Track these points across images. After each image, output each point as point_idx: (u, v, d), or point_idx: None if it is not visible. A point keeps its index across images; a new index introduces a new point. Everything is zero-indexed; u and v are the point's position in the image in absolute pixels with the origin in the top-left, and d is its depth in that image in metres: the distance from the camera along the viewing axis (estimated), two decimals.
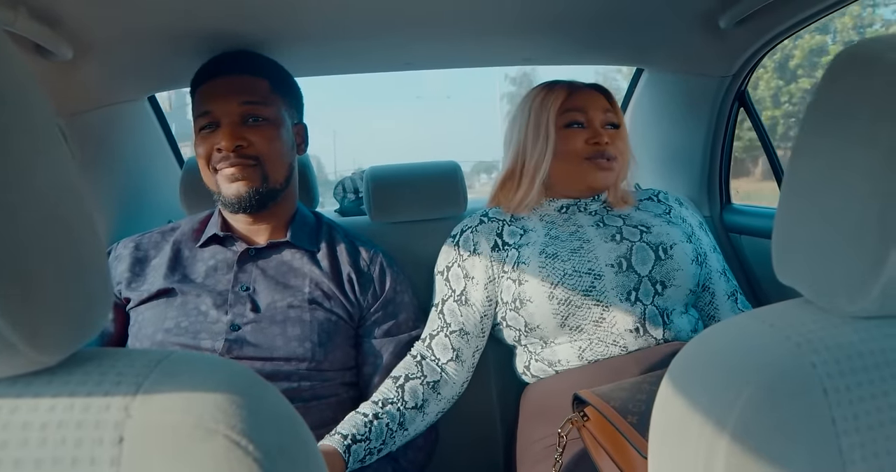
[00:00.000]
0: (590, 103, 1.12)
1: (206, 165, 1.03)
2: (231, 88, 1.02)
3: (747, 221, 1.43)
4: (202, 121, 1.02)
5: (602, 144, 1.09)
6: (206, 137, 1.02)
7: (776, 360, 0.41)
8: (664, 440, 0.46)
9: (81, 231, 0.37)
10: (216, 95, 1.02)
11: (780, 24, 1.12)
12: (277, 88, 1.07)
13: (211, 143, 1.01)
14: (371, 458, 0.94)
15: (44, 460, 0.34)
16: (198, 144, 1.04)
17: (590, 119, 1.11)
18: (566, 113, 1.11)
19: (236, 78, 1.04)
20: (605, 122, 1.12)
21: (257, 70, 1.06)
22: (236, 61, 1.06)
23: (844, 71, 0.42)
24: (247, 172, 1.01)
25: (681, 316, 1.05)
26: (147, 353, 0.39)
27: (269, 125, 1.03)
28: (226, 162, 1.01)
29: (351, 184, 1.68)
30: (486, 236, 1.11)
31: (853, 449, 0.39)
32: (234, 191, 1.01)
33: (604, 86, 1.18)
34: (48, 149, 0.35)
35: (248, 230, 1.08)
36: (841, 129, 0.41)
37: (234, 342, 0.96)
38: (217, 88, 1.03)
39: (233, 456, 0.34)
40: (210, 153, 1.02)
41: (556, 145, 1.10)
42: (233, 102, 1.01)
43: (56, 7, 0.89)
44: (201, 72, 1.07)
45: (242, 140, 1.00)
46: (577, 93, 1.13)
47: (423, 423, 1.03)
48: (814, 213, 0.43)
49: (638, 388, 0.88)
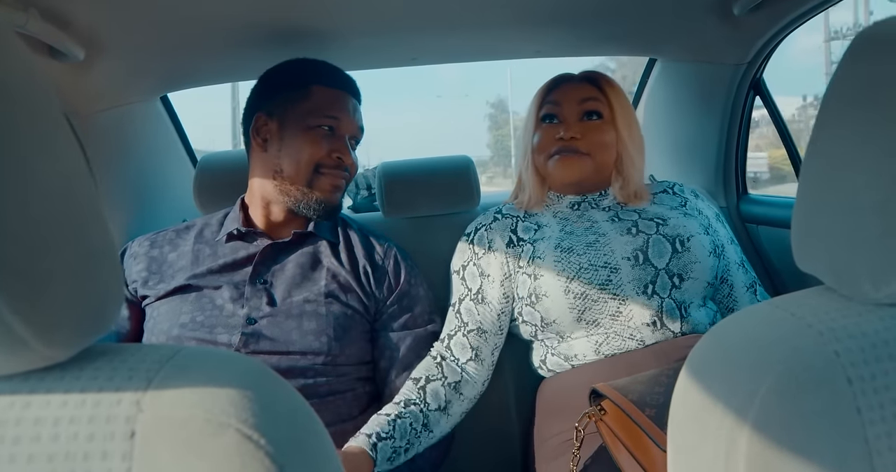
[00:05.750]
0: (567, 95, 1.11)
1: (310, 162, 1.04)
2: (355, 109, 1.10)
3: (764, 212, 1.41)
4: (326, 121, 1.05)
5: (566, 140, 1.08)
6: (322, 138, 1.05)
7: (798, 349, 0.40)
8: (683, 432, 0.45)
9: (92, 227, 0.37)
10: (346, 108, 1.08)
11: (796, 10, 1.10)
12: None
13: (328, 146, 1.05)
14: (398, 458, 0.94)
15: (56, 455, 0.34)
16: (310, 139, 1.04)
17: (563, 112, 1.11)
18: (544, 107, 1.13)
19: (354, 101, 1.11)
20: (583, 112, 1.10)
21: (359, 100, 1.13)
22: (354, 86, 1.12)
23: (864, 52, 0.41)
24: (342, 184, 1.09)
25: (699, 309, 1.04)
26: (158, 348, 0.39)
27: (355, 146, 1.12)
28: (338, 171, 1.06)
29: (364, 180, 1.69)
30: (500, 232, 1.11)
31: (879, 439, 0.38)
32: (329, 197, 1.06)
33: (600, 72, 1.15)
34: (57, 146, 0.35)
35: (272, 225, 1.08)
36: (861, 111, 0.40)
37: (250, 336, 0.96)
38: (346, 101, 1.08)
39: (245, 450, 0.34)
40: (322, 155, 1.04)
41: (534, 141, 1.12)
42: (355, 123, 1.09)
43: (67, 8, 0.90)
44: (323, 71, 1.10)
45: (352, 158, 1.09)
46: (559, 86, 1.13)
47: (448, 424, 1.03)
48: (834, 198, 0.42)
49: (655, 381, 0.86)
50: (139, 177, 1.42)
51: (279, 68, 1.10)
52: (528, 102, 1.19)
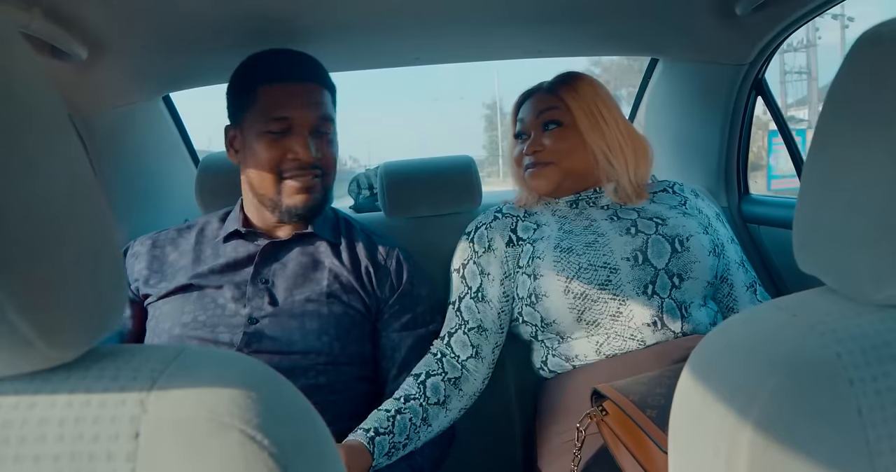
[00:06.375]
0: (529, 110, 1.14)
1: (270, 170, 1.00)
2: (311, 98, 1.01)
3: (766, 212, 1.41)
4: (275, 124, 0.99)
5: (529, 154, 1.11)
6: (276, 142, 0.99)
7: (800, 350, 0.40)
8: (684, 433, 0.45)
9: (95, 227, 0.37)
10: (295, 102, 1.00)
11: (798, 10, 1.10)
12: (334, 98, 1.08)
13: (282, 148, 0.99)
14: (396, 453, 0.95)
15: (62, 455, 0.34)
16: (265, 145, 1.00)
17: (528, 128, 1.14)
18: (516, 124, 1.17)
19: (311, 86, 1.02)
20: (542, 124, 1.12)
21: (323, 80, 1.05)
22: (309, 68, 1.04)
23: (867, 53, 0.41)
24: (313, 183, 1.02)
25: (699, 309, 1.04)
26: (163, 348, 0.39)
27: (331, 138, 1.04)
28: (302, 172, 1.00)
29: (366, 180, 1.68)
30: (500, 232, 1.11)
31: (880, 440, 0.38)
32: (300, 201, 1.01)
33: (568, 74, 1.14)
34: (60, 146, 0.35)
35: (271, 226, 1.07)
36: (864, 111, 0.40)
37: (252, 336, 0.96)
38: (296, 95, 1.00)
39: (248, 450, 0.34)
40: (279, 159, 1.00)
41: (514, 155, 1.17)
42: (313, 114, 1.00)
43: (70, 9, 0.90)
44: (270, 68, 1.02)
45: (318, 152, 1.00)
46: (525, 101, 1.17)
47: (447, 419, 1.03)
48: (836, 198, 0.42)
49: (657, 382, 0.86)
50: (141, 177, 1.42)
51: (233, 74, 1.06)
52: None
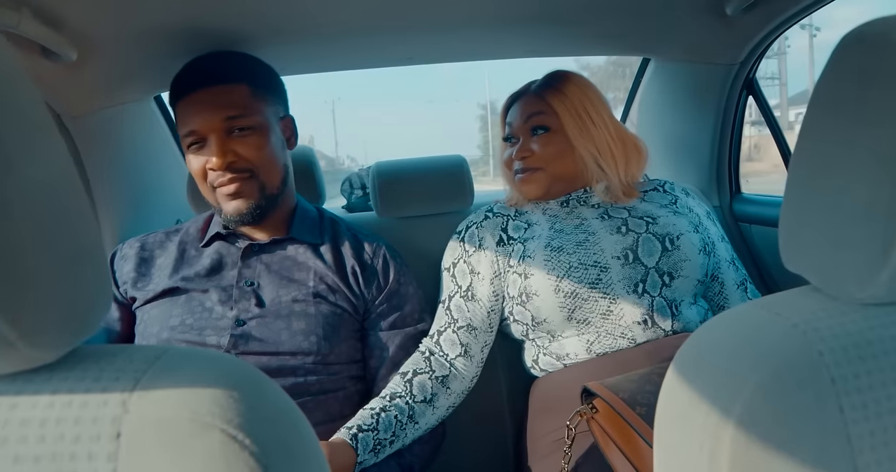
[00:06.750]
0: (517, 114, 1.14)
1: (204, 181, 1.01)
2: (211, 103, 0.98)
3: (757, 211, 1.42)
4: (188, 139, 1.00)
5: (518, 159, 1.12)
6: (196, 154, 1.00)
7: (782, 349, 0.41)
8: (669, 429, 0.45)
9: (78, 226, 0.36)
10: (196, 111, 0.98)
11: (788, 10, 1.10)
12: (258, 89, 1.02)
13: (203, 159, 0.99)
14: (384, 450, 0.95)
15: (42, 456, 0.34)
16: (190, 160, 1.01)
17: (516, 132, 1.14)
18: (505, 127, 1.17)
19: (214, 89, 0.98)
20: (530, 128, 1.11)
21: (234, 76, 1.01)
22: (212, 70, 1.01)
23: (851, 53, 0.41)
24: (244, 186, 0.99)
25: (690, 307, 1.04)
26: (145, 349, 0.39)
27: (255, 134, 1.00)
28: (222, 179, 0.99)
29: (358, 180, 1.68)
30: (490, 231, 1.11)
31: (862, 438, 0.39)
32: (235, 208, 1.00)
33: (553, 75, 1.14)
34: (41, 144, 0.35)
35: (250, 230, 1.08)
36: (848, 112, 0.40)
37: (239, 338, 0.96)
38: (196, 103, 0.98)
39: (229, 451, 0.34)
40: (204, 170, 1.00)
41: (504, 157, 1.17)
42: (215, 118, 0.97)
43: (59, 8, 0.89)
44: (176, 84, 1.02)
45: (232, 155, 0.98)
46: (513, 104, 1.17)
47: (434, 417, 1.03)
48: (821, 198, 0.42)
49: (647, 379, 0.87)
50: (133, 177, 1.41)
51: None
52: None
